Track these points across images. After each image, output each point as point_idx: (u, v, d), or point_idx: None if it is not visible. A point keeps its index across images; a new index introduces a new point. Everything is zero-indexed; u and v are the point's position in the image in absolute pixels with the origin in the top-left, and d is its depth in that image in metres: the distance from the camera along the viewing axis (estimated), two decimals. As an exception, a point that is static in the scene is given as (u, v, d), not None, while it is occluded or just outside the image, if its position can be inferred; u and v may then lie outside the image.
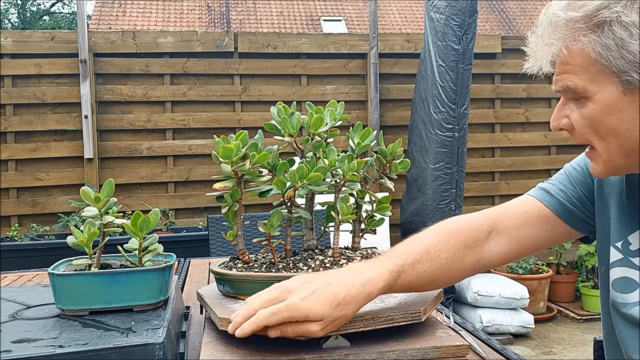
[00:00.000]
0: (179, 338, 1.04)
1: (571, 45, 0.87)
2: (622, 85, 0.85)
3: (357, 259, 1.07)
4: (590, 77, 0.87)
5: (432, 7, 4.12)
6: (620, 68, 0.84)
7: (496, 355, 1.06)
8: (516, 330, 4.09)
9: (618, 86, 0.85)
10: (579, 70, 0.87)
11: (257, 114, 4.59)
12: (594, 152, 0.93)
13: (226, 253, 2.68)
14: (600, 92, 0.87)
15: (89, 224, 1.00)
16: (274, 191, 1.04)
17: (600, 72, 0.86)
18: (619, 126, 0.87)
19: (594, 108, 0.88)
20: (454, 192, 4.03)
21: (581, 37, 0.85)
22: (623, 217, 0.99)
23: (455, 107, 4.00)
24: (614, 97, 0.86)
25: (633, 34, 0.82)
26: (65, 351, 0.78)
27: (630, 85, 0.84)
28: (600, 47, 0.84)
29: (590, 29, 0.85)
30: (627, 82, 0.84)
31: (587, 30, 0.85)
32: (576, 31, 0.86)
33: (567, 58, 0.88)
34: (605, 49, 0.84)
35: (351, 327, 0.88)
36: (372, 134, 1.13)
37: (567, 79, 0.89)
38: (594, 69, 0.86)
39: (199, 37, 4.54)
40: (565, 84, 0.90)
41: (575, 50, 0.87)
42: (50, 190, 4.33)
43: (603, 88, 0.86)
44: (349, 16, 12.92)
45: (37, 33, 4.38)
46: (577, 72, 0.88)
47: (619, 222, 1.00)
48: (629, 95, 0.85)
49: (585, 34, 0.85)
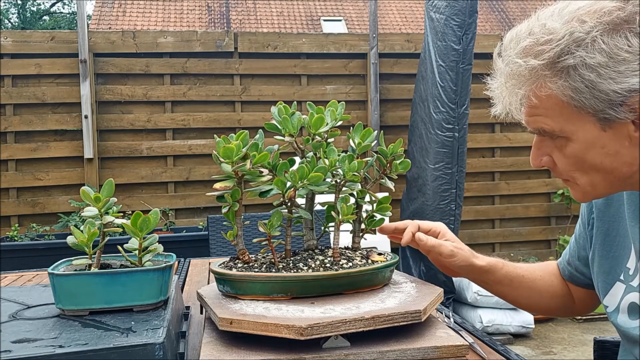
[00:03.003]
0: (179, 338, 1.04)
1: (539, 92, 0.85)
2: (600, 122, 0.83)
3: (357, 259, 1.07)
4: (565, 118, 0.85)
5: (432, 7, 4.12)
6: (595, 108, 0.82)
7: (496, 355, 1.06)
8: (516, 330, 4.09)
9: (596, 123, 0.84)
10: (552, 114, 0.86)
11: (257, 114, 4.59)
12: (575, 184, 0.92)
13: (226, 253, 2.68)
14: (579, 131, 0.85)
15: (89, 224, 1.00)
16: (274, 191, 1.04)
17: (575, 112, 0.84)
18: (603, 161, 0.86)
19: (574, 147, 0.86)
20: (454, 192, 4.03)
21: (548, 84, 0.83)
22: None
23: (455, 107, 4.00)
24: (594, 135, 0.84)
25: (601, 74, 0.80)
26: (65, 351, 0.78)
27: (608, 122, 0.83)
28: (571, 90, 0.82)
29: (555, 75, 0.83)
30: (604, 119, 0.83)
31: (552, 76, 0.83)
32: (541, 78, 0.84)
33: (537, 103, 0.86)
34: (575, 92, 0.82)
35: (351, 327, 0.88)
36: (373, 134, 1.13)
37: (542, 121, 0.87)
38: (567, 111, 0.84)
39: (199, 37, 4.54)
40: (540, 127, 0.88)
41: (544, 96, 0.85)
42: (50, 190, 4.33)
43: (581, 127, 0.85)
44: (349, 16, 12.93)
45: (37, 33, 4.38)
46: (551, 115, 0.86)
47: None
48: (608, 131, 0.84)
49: (551, 80, 0.83)
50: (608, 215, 1.04)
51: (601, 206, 1.05)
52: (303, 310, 0.92)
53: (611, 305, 1.00)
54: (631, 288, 0.96)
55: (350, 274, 1.00)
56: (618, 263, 1.00)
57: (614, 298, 1.00)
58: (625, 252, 0.99)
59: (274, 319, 0.88)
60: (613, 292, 1.00)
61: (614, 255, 1.01)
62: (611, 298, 1.00)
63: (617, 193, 1.02)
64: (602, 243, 1.04)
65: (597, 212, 1.06)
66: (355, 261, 1.06)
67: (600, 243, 1.04)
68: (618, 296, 0.99)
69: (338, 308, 0.93)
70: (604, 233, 1.04)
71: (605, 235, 1.04)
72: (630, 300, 0.96)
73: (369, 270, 1.03)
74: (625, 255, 0.99)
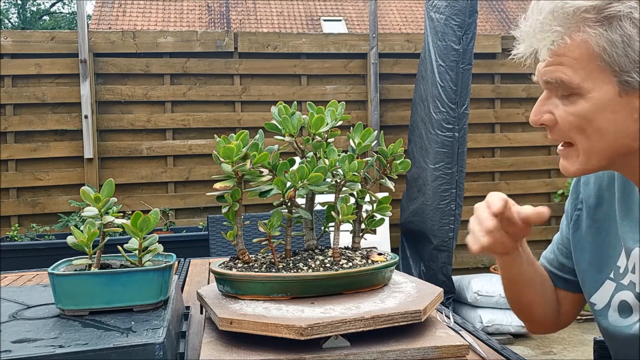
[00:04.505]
0: (179, 338, 1.04)
1: (574, 35, 0.82)
2: (620, 85, 0.82)
3: (357, 259, 1.07)
4: (587, 73, 0.83)
5: (432, 7, 4.12)
6: (622, 66, 0.80)
7: (496, 355, 1.06)
8: (516, 330, 4.09)
9: (615, 86, 0.82)
10: (576, 64, 0.83)
11: (257, 114, 4.59)
12: (571, 150, 0.90)
13: (226, 253, 2.68)
14: (596, 90, 0.83)
15: (89, 224, 1.00)
16: (274, 191, 1.04)
17: (599, 69, 0.82)
18: (609, 127, 0.84)
19: (586, 106, 0.84)
20: (454, 192, 4.03)
21: (587, 29, 0.81)
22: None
23: (455, 107, 4.00)
24: (609, 97, 0.83)
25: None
26: (65, 351, 0.78)
27: (628, 86, 0.81)
28: (606, 41, 0.80)
29: (598, 21, 0.80)
30: (625, 83, 0.81)
31: (595, 22, 0.81)
32: (583, 21, 0.81)
33: (566, 49, 0.83)
34: (610, 45, 0.80)
35: (351, 327, 0.88)
36: (373, 134, 1.13)
37: (562, 71, 0.84)
38: (593, 65, 0.82)
39: (199, 37, 4.54)
40: (558, 77, 0.85)
41: (578, 41, 0.82)
42: (50, 190, 4.33)
43: (599, 86, 0.83)
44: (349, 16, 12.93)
45: (37, 33, 4.38)
46: (574, 66, 0.83)
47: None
48: (624, 97, 0.82)
49: (592, 26, 0.81)
50: (598, 214, 1.04)
51: (592, 205, 1.05)
52: (303, 310, 0.92)
53: (600, 304, 1.00)
54: (622, 286, 0.96)
55: (350, 274, 1.01)
56: (608, 262, 1.00)
57: (603, 296, 1.00)
58: (616, 250, 0.99)
59: (274, 319, 0.88)
60: (602, 290, 1.00)
61: (604, 254, 1.01)
62: (600, 296, 1.00)
63: (609, 192, 1.02)
64: (593, 242, 1.04)
65: (587, 211, 1.06)
66: (355, 261, 1.06)
67: (591, 242, 1.04)
68: (608, 294, 0.99)
69: (338, 308, 0.93)
70: (594, 232, 1.04)
71: (596, 234, 1.04)
72: (621, 298, 0.96)
73: (369, 270, 1.03)
74: (615, 254, 0.99)
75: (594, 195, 1.05)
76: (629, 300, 0.94)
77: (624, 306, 0.96)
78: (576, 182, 1.11)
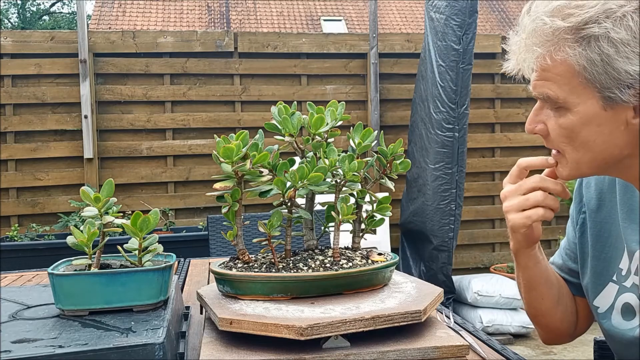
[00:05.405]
0: (179, 338, 1.04)
1: (555, 54, 0.85)
2: (603, 100, 0.84)
3: (357, 259, 1.07)
4: (571, 88, 0.85)
5: (432, 7, 4.12)
6: (602, 84, 0.83)
7: (496, 355, 1.06)
8: (516, 330, 4.09)
9: (599, 101, 0.84)
10: (560, 80, 0.86)
11: (257, 114, 4.59)
12: (563, 157, 0.93)
13: (226, 253, 2.68)
14: (581, 104, 0.85)
15: (89, 224, 1.00)
16: (274, 191, 1.04)
17: (582, 85, 0.84)
18: (596, 140, 0.87)
19: (572, 119, 0.87)
20: (454, 192, 4.03)
21: (566, 48, 0.84)
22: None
23: (455, 107, 4.00)
24: (594, 111, 0.85)
25: (620, 51, 0.80)
26: (65, 351, 0.78)
27: (611, 101, 0.83)
28: (585, 60, 0.83)
29: (576, 41, 0.83)
30: (608, 98, 0.83)
31: (573, 42, 0.83)
32: (561, 41, 0.84)
33: (549, 66, 0.86)
34: (590, 63, 0.82)
35: (351, 327, 0.88)
36: (373, 134, 1.13)
37: (547, 87, 0.88)
38: (575, 82, 0.85)
39: (199, 37, 4.54)
40: (544, 92, 0.88)
41: (558, 60, 0.85)
42: (50, 190, 4.33)
43: (584, 101, 0.85)
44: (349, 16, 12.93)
45: (37, 33, 4.37)
46: (558, 82, 0.86)
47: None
48: (608, 111, 0.84)
49: (570, 46, 0.83)
50: (600, 217, 1.04)
51: (593, 208, 1.06)
52: (303, 310, 0.92)
53: (603, 306, 1.00)
54: (624, 289, 0.96)
55: (350, 274, 1.00)
56: (610, 264, 1.00)
57: (606, 299, 1.00)
58: (618, 253, 0.99)
59: (274, 319, 0.88)
60: (605, 293, 1.00)
61: (606, 257, 1.01)
62: (603, 299, 1.00)
63: (610, 194, 1.02)
64: (594, 245, 1.04)
65: (589, 214, 1.06)
66: (355, 261, 1.06)
67: (592, 245, 1.04)
68: (611, 297, 0.99)
69: (338, 308, 0.93)
70: (595, 235, 1.04)
71: (597, 236, 1.04)
72: (624, 300, 0.96)
73: (369, 271, 1.03)
74: (617, 256, 0.99)
75: (595, 197, 1.05)
76: (632, 302, 0.95)
77: (627, 309, 0.96)
78: (579, 185, 1.11)
